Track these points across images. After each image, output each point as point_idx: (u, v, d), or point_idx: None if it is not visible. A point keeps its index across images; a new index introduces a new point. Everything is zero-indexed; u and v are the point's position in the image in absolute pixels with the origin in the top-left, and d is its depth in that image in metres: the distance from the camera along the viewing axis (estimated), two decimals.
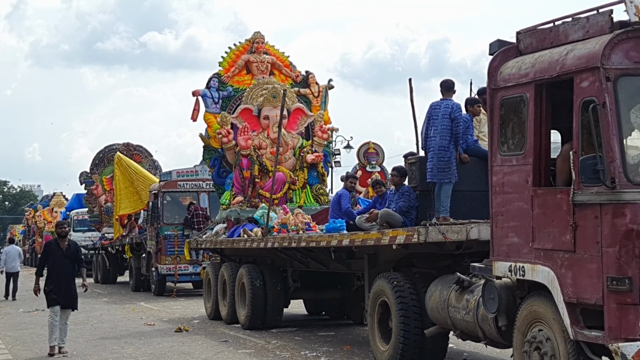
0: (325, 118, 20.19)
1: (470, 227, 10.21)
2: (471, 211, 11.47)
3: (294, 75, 20.56)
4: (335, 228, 13.51)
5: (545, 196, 8.11)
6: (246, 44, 20.39)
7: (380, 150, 26.60)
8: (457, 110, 11.43)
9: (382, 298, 11.55)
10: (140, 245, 26.62)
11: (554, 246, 7.95)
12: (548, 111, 8.27)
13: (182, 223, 24.39)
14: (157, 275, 24.85)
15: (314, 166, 19.55)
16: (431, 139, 11.43)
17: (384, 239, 11.16)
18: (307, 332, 16.21)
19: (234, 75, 20.10)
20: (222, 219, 19.18)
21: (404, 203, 11.63)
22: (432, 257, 11.68)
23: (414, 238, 10.45)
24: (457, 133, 11.32)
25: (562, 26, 8.27)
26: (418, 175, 11.79)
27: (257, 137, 19.27)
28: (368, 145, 25.87)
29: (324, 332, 16.12)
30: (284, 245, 14.75)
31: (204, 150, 19.92)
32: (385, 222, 11.54)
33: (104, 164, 33.31)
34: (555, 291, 7.88)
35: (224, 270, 18.13)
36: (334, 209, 14.68)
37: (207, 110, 19.71)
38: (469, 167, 11.65)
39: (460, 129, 11.36)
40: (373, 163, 26.97)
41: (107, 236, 30.88)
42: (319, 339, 15.22)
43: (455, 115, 11.35)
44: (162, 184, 25.31)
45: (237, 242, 17.13)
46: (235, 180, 19.09)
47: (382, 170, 26.70)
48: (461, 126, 11.42)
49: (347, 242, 12.29)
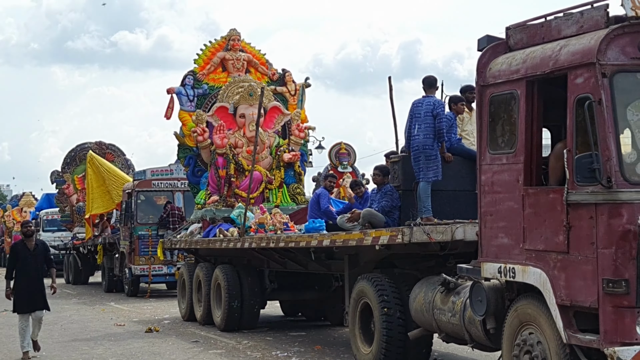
0: (302, 117, 19.93)
1: (455, 228, 9.99)
2: (455, 211, 11.27)
3: (270, 73, 20.29)
4: (315, 228, 13.24)
5: (537, 196, 7.89)
6: (222, 41, 20.08)
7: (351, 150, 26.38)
8: (440, 106, 11.18)
9: (364, 299, 11.30)
10: (113, 245, 26.19)
11: (546, 247, 7.72)
12: (540, 108, 8.05)
13: (156, 223, 24.01)
14: (130, 276, 24.44)
15: (290, 165, 19.30)
16: (415, 137, 11.18)
17: (367, 240, 10.90)
18: (279, 332, 16.05)
19: (210, 72, 19.79)
20: (197, 218, 18.86)
21: (387, 203, 11.38)
22: (414, 258, 11.45)
23: (398, 238, 10.20)
24: (439, 129, 11.07)
25: (554, 21, 8.06)
26: (401, 174, 11.55)
27: (233, 136, 18.98)
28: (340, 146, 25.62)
29: (296, 332, 15.96)
30: (262, 245, 14.47)
31: (178, 149, 19.59)
32: (368, 222, 11.29)
33: (76, 162, 32.76)
34: (547, 293, 7.66)
35: (199, 270, 17.81)
36: (312, 208, 14.41)
37: (181, 108, 19.39)
38: (453, 166, 11.44)
39: (443, 125, 11.12)
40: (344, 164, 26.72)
41: (79, 236, 30.37)
42: (290, 339, 15.04)
43: (438, 111, 11.10)
44: (136, 183, 24.90)
45: (213, 243, 16.81)
46: (211, 179, 18.79)
47: (353, 171, 26.50)
48: (444, 123, 11.18)
49: (328, 242, 12.02)
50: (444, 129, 11.13)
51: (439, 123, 11.06)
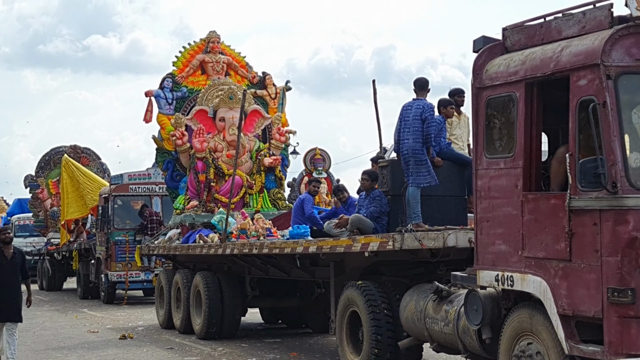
0: (282, 120, 19.62)
1: (447, 234, 9.74)
2: (445, 217, 11.05)
3: (250, 76, 19.95)
4: (300, 234, 12.96)
5: (537, 201, 7.64)
6: (201, 44, 19.71)
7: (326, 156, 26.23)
8: (429, 110, 10.90)
9: (352, 308, 11.01)
10: (89, 251, 25.72)
11: (546, 255, 7.47)
12: (539, 111, 7.80)
13: (134, 228, 23.58)
14: (106, 283, 23.95)
15: (271, 170, 18.95)
16: (404, 141, 10.91)
17: (355, 246, 10.62)
18: (256, 339, 15.82)
19: (189, 75, 19.41)
20: (176, 224, 18.47)
21: (375, 208, 11.11)
22: (403, 265, 11.19)
23: (388, 245, 9.92)
24: (428, 134, 10.79)
25: (554, 22, 7.81)
26: (389, 179, 11.29)
27: (213, 140, 18.63)
28: (314, 152, 25.47)
29: (272, 339, 15.73)
30: (245, 252, 14.14)
31: (156, 152, 19.20)
32: (356, 228, 11.01)
33: (50, 166, 32.25)
34: (548, 303, 7.40)
35: (178, 277, 17.44)
36: (296, 214, 14.13)
37: (160, 111, 18.99)
38: (442, 171, 11.17)
39: (432, 130, 10.85)
40: (319, 169, 26.53)
41: (53, 242, 29.85)
42: (266, 346, 14.81)
43: (426, 115, 10.82)
44: (112, 187, 24.44)
45: (193, 249, 16.46)
46: (190, 184, 18.43)
47: (328, 177, 26.26)
48: (433, 127, 10.91)
49: (315, 249, 11.72)
50: (432, 133, 10.86)
51: (428, 127, 10.78)
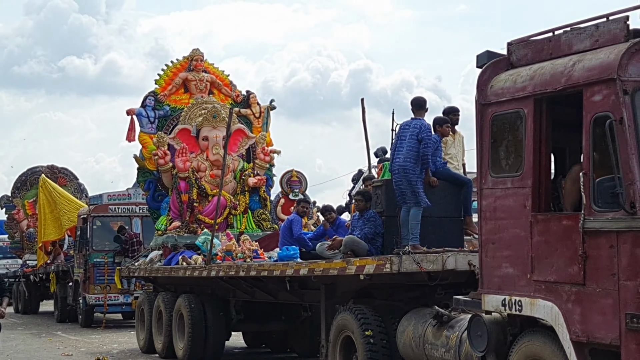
0: (267, 140, 19.26)
1: (446, 257, 9.42)
2: (441, 238, 10.69)
3: (234, 94, 19.58)
4: (289, 256, 12.56)
5: (548, 222, 7.30)
6: (184, 61, 19.34)
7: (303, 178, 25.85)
8: (426, 130, 10.56)
9: (346, 333, 10.61)
10: (66, 273, 25.13)
11: (558, 278, 7.13)
12: (548, 128, 7.47)
13: (113, 250, 23.04)
14: (84, 306, 23.33)
15: (255, 190, 18.57)
16: (395, 160, 10.59)
17: (350, 269, 10.25)
18: None
19: (171, 93, 19.02)
20: (158, 245, 18.01)
21: (370, 229, 10.73)
22: (396, 288, 10.84)
23: (385, 268, 9.56)
24: (424, 155, 10.45)
25: (563, 35, 7.50)
26: (384, 200, 10.92)
27: (196, 159, 18.24)
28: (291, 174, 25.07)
29: None
30: (231, 274, 13.74)
31: (138, 172, 18.77)
32: (350, 250, 10.63)
33: (27, 187, 31.58)
34: (559, 329, 7.06)
35: (159, 300, 16.97)
36: (284, 235, 13.76)
37: (142, 130, 18.57)
38: (438, 191, 10.84)
39: (428, 150, 10.52)
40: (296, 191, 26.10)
41: (29, 264, 29.17)
42: None
43: (423, 136, 10.47)
44: (91, 208, 23.92)
45: (176, 271, 16.01)
46: (172, 204, 18.00)
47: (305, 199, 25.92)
48: (430, 147, 10.59)
49: (306, 271, 11.34)
50: (429, 154, 10.53)
51: (425, 148, 10.45)
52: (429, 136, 10.54)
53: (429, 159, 10.51)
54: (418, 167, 10.36)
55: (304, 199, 14.55)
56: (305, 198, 14.55)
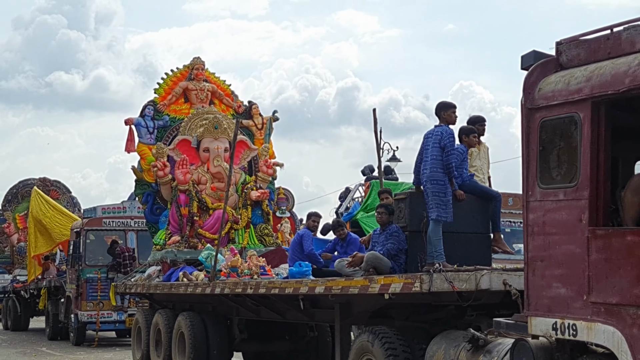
0: (269, 152, 18.54)
1: (480, 275, 8.66)
2: (467, 256, 9.99)
3: (235, 105, 18.89)
4: (301, 272, 11.83)
5: (609, 238, 6.58)
6: (184, 70, 18.64)
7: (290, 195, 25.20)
8: (448, 136, 9.81)
9: (368, 356, 9.84)
10: (58, 289, 24.27)
11: (621, 300, 6.42)
12: (608, 133, 6.77)
13: (106, 265, 22.22)
14: (76, 323, 22.44)
15: (258, 204, 17.84)
16: (423, 172, 9.90)
17: (373, 287, 9.50)
18: None
19: (171, 103, 18.32)
20: (156, 260, 17.26)
21: (393, 245, 10.02)
22: (416, 309, 10.14)
23: (414, 287, 8.82)
24: (448, 164, 9.74)
25: (625, 33, 6.82)
26: (407, 214, 10.21)
27: (196, 171, 17.51)
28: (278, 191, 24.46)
29: None
30: (237, 291, 12.96)
31: (135, 184, 18.05)
32: (372, 267, 9.90)
33: (18, 200, 30.67)
34: (623, 356, 6.34)
35: (158, 318, 16.20)
36: (294, 250, 13.02)
37: (140, 140, 17.85)
38: (465, 205, 10.15)
39: (452, 159, 9.80)
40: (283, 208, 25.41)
41: (20, 279, 28.22)
42: None
43: (445, 143, 9.74)
44: (85, 221, 23.06)
45: (177, 287, 15.25)
46: (172, 218, 17.25)
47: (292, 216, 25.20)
48: (454, 156, 9.89)
49: (322, 289, 10.58)
50: (452, 162, 9.82)
51: (448, 156, 9.74)
52: (451, 143, 9.84)
53: (452, 168, 9.81)
54: (447, 176, 9.67)
55: (315, 212, 13.78)
56: (316, 212, 13.82)
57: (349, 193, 23.69)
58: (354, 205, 22.50)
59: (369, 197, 21.77)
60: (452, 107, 10.07)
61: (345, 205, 23.08)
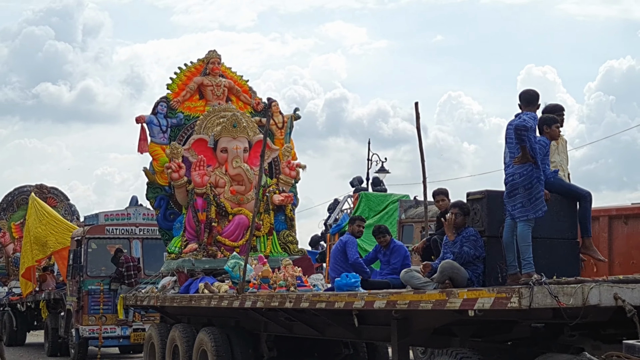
0: (291, 152, 17.14)
1: (589, 288, 7.29)
2: (552, 264, 8.66)
3: (254, 102, 17.48)
4: (349, 284, 10.46)
5: None
6: (199, 64, 17.20)
7: None
8: (530, 122, 8.53)
9: None
10: (58, 301, 22.70)
11: None
12: None
13: (109, 276, 20.74)
14: (77, 338, 20.74)
15: (281, 209, 16.39)
16: (507, 166, 8.57)
17: (453, 303, 8.10)
18: None
19: (185, 100, 16.88)
20: (171, 270, 15.79)
21: (469, 250, 8.65)
22: (484, 326, 8.82)
23: (511, 302, 7.43)
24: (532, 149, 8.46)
25: None
26: (485, 216, 8.87)
27: (213, 174, 16.07)
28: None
29: None
30: (273, 305, 11.53)
31: (147, 188, 16.57)
32: (449, 278, 8.52)
33: (14, 208, 29.02)
34: None
35: (175, 333, 14.78)
36: (337, 259, 11.69)
37: (152, 140, 16.43)
38: (550, 206, 8.80)
39: (536, 147, 8.51)
40: None
41: (15, 291, 26.59)
42: None
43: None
44: (86, 229, 21.45)
45: (198, 300, 13.84)
46: (188, 224, 15.81)
47: None
48: (537, 145, 8.58)
49: (383, 304, 9.18)
50: (536, 150, 8.51)
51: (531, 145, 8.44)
52: (531, 129, 8.54)
53: (537, 157, 8.49)
54: (535, 168, 8.33)
55: (359, 216, 12.44)
56: (360, 216, 12.47)
57: (337, 204, 22.83)
58: (342, 216, 21.64)
59: (358, 208, 20.72)
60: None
61: (334, 216, 22.17)
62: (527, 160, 8.33)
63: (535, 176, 8.35)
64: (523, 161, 8.36)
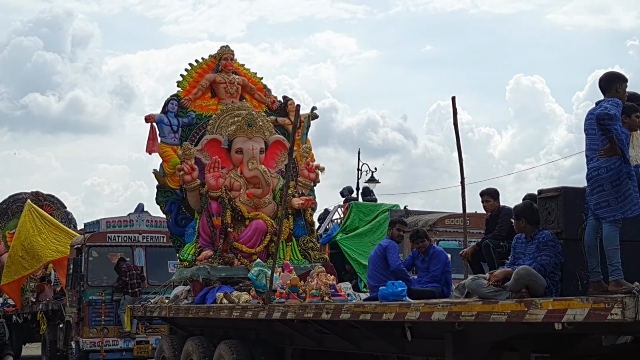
0: (310, 154, 16.14)
1: None
2: (635, 270, 7.68)
3: (269, 101, 16.47)
4: (396, 294, 9.44)
5: None
6: (211, 61, 16.15)
7: None
8: (613, 108, 7.57)
9: None
10: (56, 313, 21.58)
11: None
12: None
13: (112, 286, 19.68)
14: (77, 351, 19.66)
15: (300, 213, 15.32)
16: (589, 161, 7.61)
17: (534, 315, 7.08)
18: None
19: (197, 98, 15.85)
20: (184, 278, 14.74)
21: (549, 259, 7.67)
22: (547, 339, 7.87)
23: (612, 314, 6.44)
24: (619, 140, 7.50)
25: None
26: (561, 216, 7.89)
27: (228, 176, 15.06)
28: None
29: None
30: (307, 316, 10.50)
31: (157, 191, 15.51)
32: (525, 286, 7.53)
33: (8, 216, 27.81)
34: None
35: (191, 346, 13.73)
36: (377, 266, 10.70)
37: (163, 140, 15.38)
38: None
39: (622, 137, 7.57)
40: None
41: (11, 302, 25.44)
42: None
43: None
44: (87, 236, 20.40)
45: (217, 311, 12.81)
46: (202, 229, 14.77)
47: None
48: (622, 136, 7.63)
49: (443, 315, 8.18)
50: (623, 140, 7.56)
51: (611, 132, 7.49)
52: (617, 117, 7.58)
53: (624, 149, 7.55)
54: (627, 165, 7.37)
55: (400, 219, 11.48)
56: (401, 219, 11.51)
57: (327, 214, 22.14)
58: (333, 226, 20.97)
59: (348, 218, 20.02)
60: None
61: (324, 226, 21.41)
62: (615, 153, 7.37)
63: (624, 171, 7.38)
64: (610, 154, 7.40)
